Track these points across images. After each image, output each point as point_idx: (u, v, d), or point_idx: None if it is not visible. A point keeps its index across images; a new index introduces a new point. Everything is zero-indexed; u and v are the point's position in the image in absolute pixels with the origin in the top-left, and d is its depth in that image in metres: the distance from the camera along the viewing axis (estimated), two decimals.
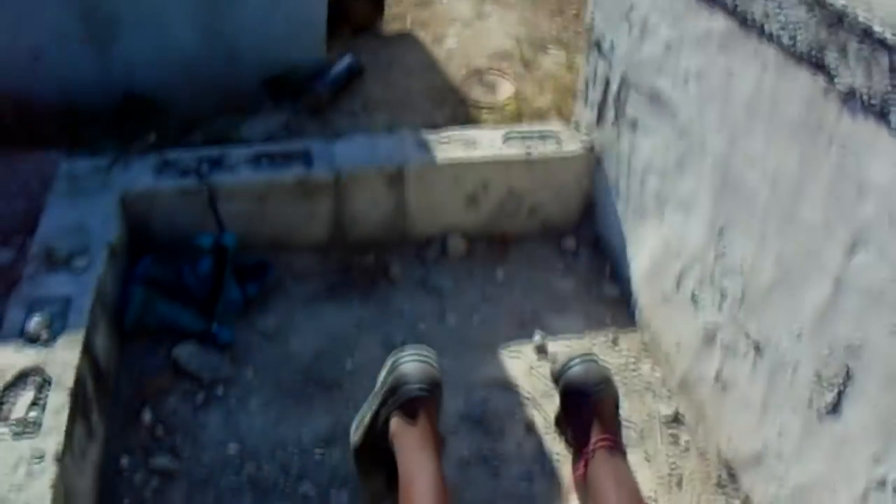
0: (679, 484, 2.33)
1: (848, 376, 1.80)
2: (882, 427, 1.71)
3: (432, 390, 2.02)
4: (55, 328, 2.28)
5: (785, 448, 2.05)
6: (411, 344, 2.11)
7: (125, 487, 2.25)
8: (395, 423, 2.00)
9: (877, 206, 1.66)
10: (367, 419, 2.08)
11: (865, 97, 1.65)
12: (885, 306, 1.66)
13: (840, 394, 1.83)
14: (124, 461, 2.30)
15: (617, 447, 2.08)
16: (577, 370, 2.16)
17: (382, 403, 2.04)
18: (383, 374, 2.08)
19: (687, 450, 2.42)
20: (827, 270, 1.82)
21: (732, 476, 2.28)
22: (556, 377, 2.21)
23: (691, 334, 2.42)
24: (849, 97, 1.71)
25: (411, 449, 1.96)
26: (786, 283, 1.99)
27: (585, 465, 2.05)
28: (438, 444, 2.01)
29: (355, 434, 2.12)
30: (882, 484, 1.72)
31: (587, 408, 2.12)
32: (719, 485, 2.33)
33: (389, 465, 1.99)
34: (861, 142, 1.69)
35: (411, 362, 2.04)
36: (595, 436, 2.07)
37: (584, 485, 2.07)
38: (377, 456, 2.06)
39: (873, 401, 1.73)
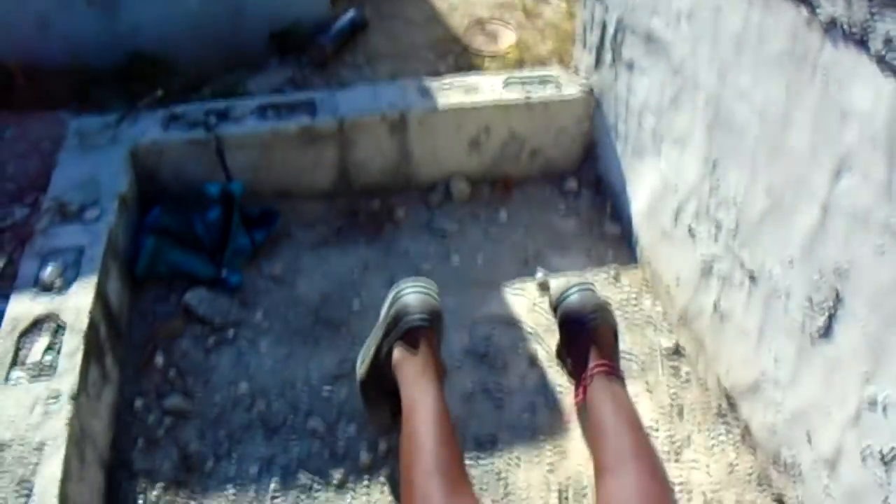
0: (680, 414, 2.36)
1: (837, 299, 1.84)
2: (871, 347, 1.74)
3: (433, 320, 2.07)
4: (68, 276, 2.33)
5: (781, 375, 2.08)
6: (412, 276, 2.15)
7: (139, 427, 2.30)
8: (398, 353, 2.05)
9: (859, 131, 1.69)
10: (371, 351, 2.13)
11: (846, 26, 1.68)
12: (870, 228, 1.70)
13: (831, 317, 1.86)
14: (138, 403, 2.35)
15: (615, 373, 2.13)
16: (573, 299, 2.20)
17: (385, 335, 2.09)
18: (385, 306, 2.12)
19: (688, 381, 2.45)
20: (815, 197, 1.86)
21: (732, 405, 2.32)
22: (555, 307, 2.26)
23: (690, 268, 2.46)
24: (830, 27, 1.73)
25: (413, 377, 2.01)
26: (776, 212, 2.02)
27: (584, 391, 2.10)
28: (440, 371, 2.05)
29: (360, 367, 2.17)
30: (873, 403, 1.75)
31: (585, 336, 2.16)
32: (719, 414, 2.36)
33: (394, 397, 2.04)
34: (843, 69, 1.72)
35: (412, 294, 2.09)
36: (593, 362, 2.12)
37: (583, 411, 2.12)
38: (382, 387, 2.11)
39: (862, 322, 1.76)
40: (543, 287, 2.68)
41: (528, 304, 2.64)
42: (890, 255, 1.66)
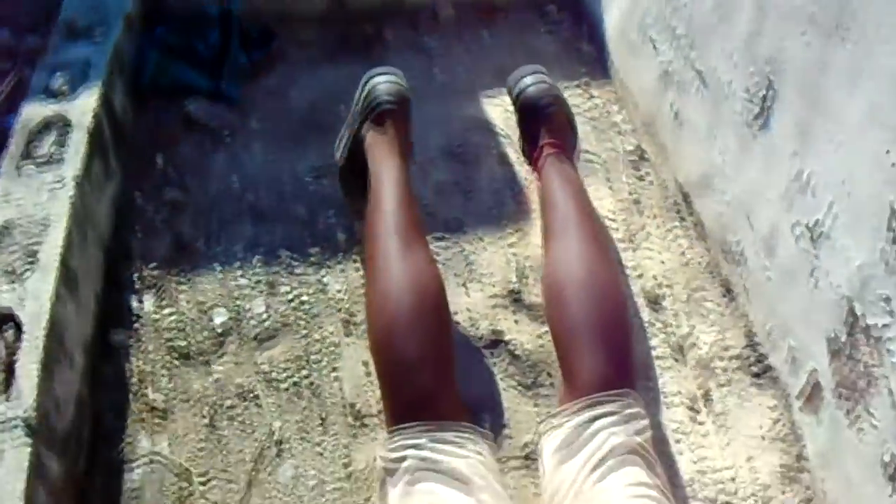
0: (638, 208, 2.43)
1: (771, 88, 1.92)
2: (799, 130, 1.84)
3: (400, 103, 2.13)
4: (76, 85, 2.40)
5: (727, 166, 2.16)
6: (380, 66, 2.20)
7: (138, 218, 2.40)
8: (369, 135, 2.12)
9: None
10: (345, 137, 2.21)
11: None
12: (799, 20, 1.78)
13: (767, 106, 1.95)
14: (138, 197, 2.44)
15: (565, 153, 2.20)
16: (531, 90, 2.26)
17: (356, 120, 2.16)
18: (357, 94, 2.19)
19: (648, 181, 2.52)
20: None
21: (687, 201, 2.39)
22: (515, 98, 2.31)
23: (652, 76, 2.52)
24: None
25: (381, 154, 2.08)
26: (721, 15, 2.10)
27: (538, 172, 2.17)
28: (406, 150, 2.14)
29: (337, 153, 2.25)
30: (801, 182, 1.84)
31: (540, 122, 2.23)
32: (676, 210, 2.43)
33: (368, 181, 2.11)
34: None
35: (382, 84, 2.15)
36: (545, 141, 2.19)
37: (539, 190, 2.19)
38: (356, 171, 2.18)
39: (792, 107, 1.85)
40: None
41: (503, 111, 2.69)
42: (813, 43, 1.74)
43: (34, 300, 1.88)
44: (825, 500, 1.87)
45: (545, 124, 2.23)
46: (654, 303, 2.23)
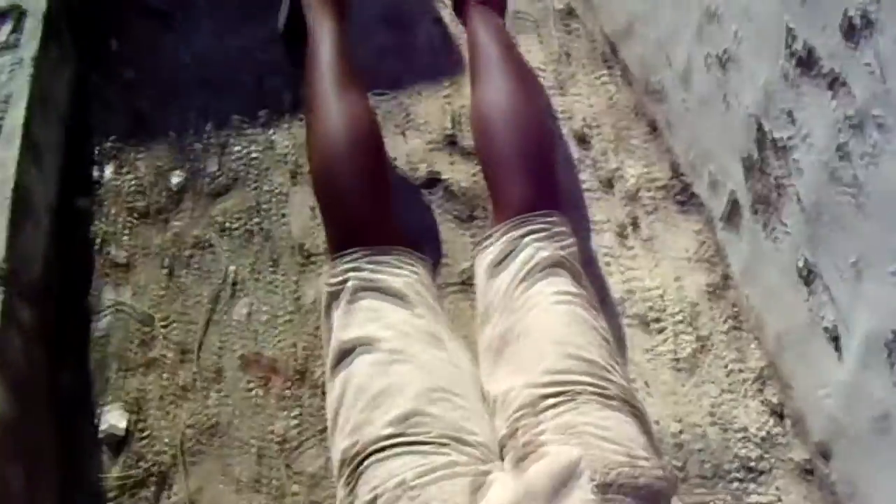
0: (567, 59, 2.46)
1: None
2: None
3: None
4: None
5: (647, 12, 2.20)
6: None
7: (95, 96, 2.42)
8: None
9: None
10: (287, 2, 2.23)
11: None
12: None
13: None
14: (95, 78, 2.46)
15: (492, 6, 2.21)
16: None
17: None
18: None
19: (577, 35, 2.55)
20: None
21: (614, 50, 2.43)
22: None
23: None
24: None
25: (318, 11, 2.11)
26: None
27: (466, 22, 2.20)
28: (344, 7, 2.15)
29: (280, 17, 2.27)
30: (709, 15, 1.87)
31: None
32: (604, 60, 2.47)
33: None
34: None
35: None
36: None
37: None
38: (297, 32, 2.20)
39: None
40: None
41: None
42: None
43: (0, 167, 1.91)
44: (750, 313, 1.93)
45: None
46: (584, 141, 2.27)
